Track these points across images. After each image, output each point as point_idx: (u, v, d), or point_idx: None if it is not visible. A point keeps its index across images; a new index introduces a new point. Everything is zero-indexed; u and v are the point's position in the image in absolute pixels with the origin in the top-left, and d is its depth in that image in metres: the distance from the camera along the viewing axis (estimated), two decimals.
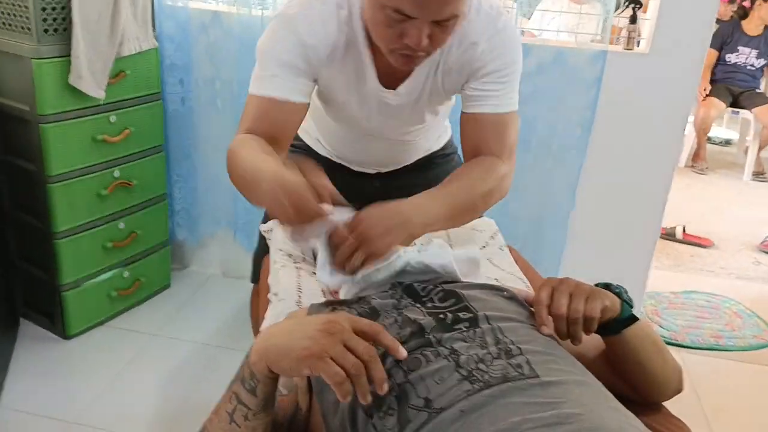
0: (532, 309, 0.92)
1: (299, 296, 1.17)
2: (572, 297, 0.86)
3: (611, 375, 0.91)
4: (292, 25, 1.10)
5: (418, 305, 0.90)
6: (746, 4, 4.50)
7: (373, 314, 0.90)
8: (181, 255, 2.57)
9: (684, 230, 3.31)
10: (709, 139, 4.75)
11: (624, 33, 1.93)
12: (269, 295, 1.21)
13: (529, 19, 3.03)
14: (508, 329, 0.83)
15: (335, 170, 1.34)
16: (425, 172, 1.46)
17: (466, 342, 0.80)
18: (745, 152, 4.62)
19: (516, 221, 2.17)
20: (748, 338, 2.45)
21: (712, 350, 2.36)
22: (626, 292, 0.93)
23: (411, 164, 1.47)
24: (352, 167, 1.45)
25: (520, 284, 1.28)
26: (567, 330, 0.86)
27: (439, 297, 0.92)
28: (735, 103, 4.45)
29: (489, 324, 0.84)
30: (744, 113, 4.50)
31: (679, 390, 0.96)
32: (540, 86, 1.99)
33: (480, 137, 1.19)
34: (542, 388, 0.72)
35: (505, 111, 1.18)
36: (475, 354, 0.78)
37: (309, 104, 1.18)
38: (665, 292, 2.74)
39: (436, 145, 1.49)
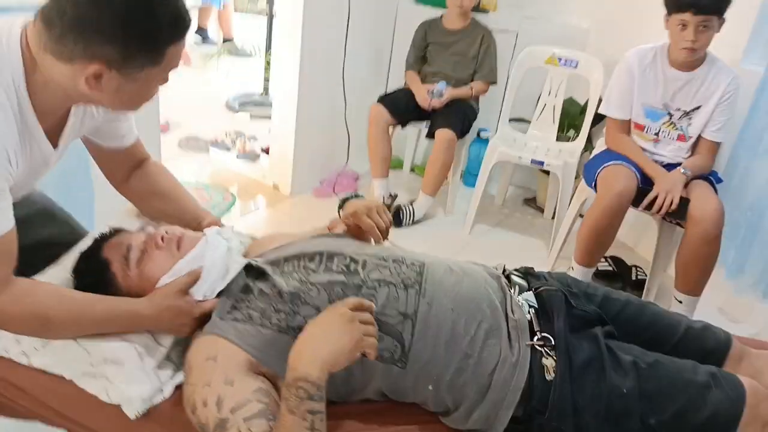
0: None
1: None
2: (379, 213, 1.26)
3: None
4: None
5: (309, 270, 1.14)
6: None
7: (295, 297, 1.09)
8: None
9: None
10: None
11: None
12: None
13: None
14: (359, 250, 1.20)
15: None
16: None
17: (378, 270, 1.13)
18: None
19: None
20: (222, 204, 2.83)
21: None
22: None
23: None
24: None
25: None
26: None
27: (315, 261, 1.17)
28: None
29: (350, 253, 1.17)
30: None
31: None
32: None
33: (135, 160, 1.33)
34: (421, 268, 1.15)
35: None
36: (391, 272, 1.13)
37: None
38: None
39: None
